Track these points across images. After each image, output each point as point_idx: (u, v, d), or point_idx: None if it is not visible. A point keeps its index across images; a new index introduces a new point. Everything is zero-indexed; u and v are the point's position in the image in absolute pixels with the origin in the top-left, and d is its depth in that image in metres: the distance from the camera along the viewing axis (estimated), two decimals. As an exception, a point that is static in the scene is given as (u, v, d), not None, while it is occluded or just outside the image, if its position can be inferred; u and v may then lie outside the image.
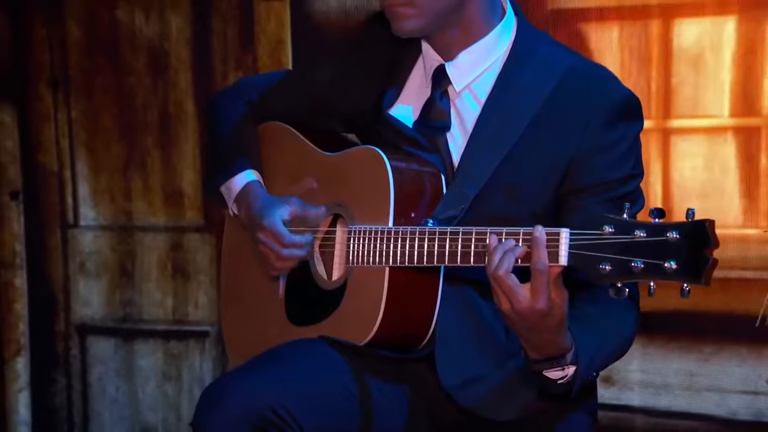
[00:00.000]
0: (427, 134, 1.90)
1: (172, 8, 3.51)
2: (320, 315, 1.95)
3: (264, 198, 2.02)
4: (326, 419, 1.80)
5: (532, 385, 1.78)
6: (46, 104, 3.60)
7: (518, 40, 1.88)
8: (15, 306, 3.60)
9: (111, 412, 3.58)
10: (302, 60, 2.30)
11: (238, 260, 2.19)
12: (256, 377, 1.79)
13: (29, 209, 3.63)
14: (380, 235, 1.82)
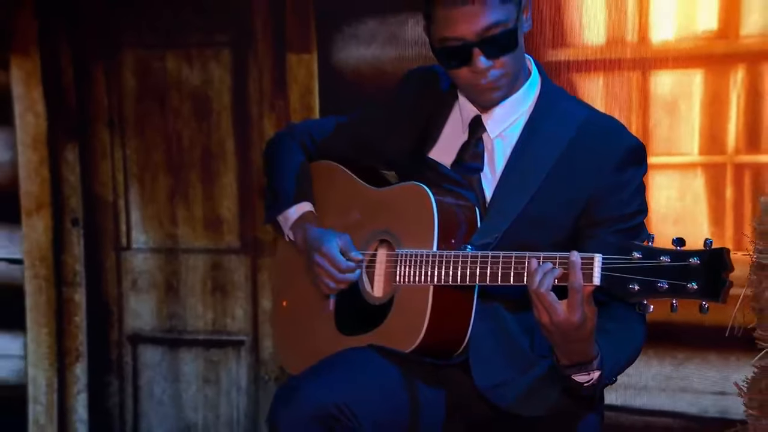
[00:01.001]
0: (464, 174, 1.95)
1: (215, 60, 3.56)
2: (368, 326, 1.99)
3: (319, 227, 2.08)
4: (380, 416, 1.85)
5: (554, 387, 1.83)
6: (104, 143, 3.63)
7: (542, 96, 1.94)
8: (75, 319, 3.61)
9: (157, 412, 3.61)
10: (349, 109, 2.34)
11: (290, 278, 2.23)
12: (323, 380, 1.84)
13: (88, 234, 3.64)
14: (426, 259, 1.87)
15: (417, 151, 2.00)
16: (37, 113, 3.62)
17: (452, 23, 1.83)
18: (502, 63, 1.83)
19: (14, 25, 3.67)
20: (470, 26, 1.81)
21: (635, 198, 1.85)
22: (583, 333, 1.65)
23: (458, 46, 1.83)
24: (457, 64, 1.85)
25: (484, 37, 1.82)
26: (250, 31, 3.53)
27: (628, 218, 1.84)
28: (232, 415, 3.64)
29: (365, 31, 3.40)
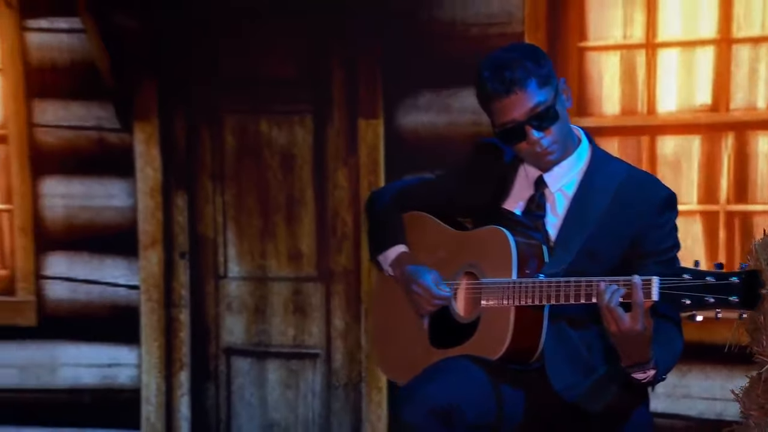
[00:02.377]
0: (532, 220, 2.02)
1: (299, 124, 3.59)
2: (458, 341, 2.05)
3: (414, 264, 2.13)
4: (477, 410, 1.90)
5: (612, 387, 1.91)
6: (207, 191, 3.66)
7: (592, 158, 2.02)
8: (180, 335, 3.63)
9: (246, 412, 3.62)
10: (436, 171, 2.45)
11: (388, 304, 2.26)
12: (436, 383, 1.91)
13: (192, 265, 3.66)
14: (508, 285, 1.95)
15: (493, 203, 2.07)
16: (154, 167, 3.66)
17: (505, 111, 1.91)
18: (550, 132, 1.91)
19: (138, 97, 3.68)
20: (519, 110, 1.89)
21: (671, 235, 1.95)
22: (643, 339, 1.75)
23: (513, 126, 1.92)
24: (516, 140, 1.94)
25: (532, 116, 1.90)
26: (329, 101, 3.56)
27: (666, 251, 1.93)
28: (308, 416, 3.63)
29: (423, 102, 3.44)
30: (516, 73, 1.89)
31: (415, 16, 3.43)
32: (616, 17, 3.21)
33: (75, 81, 3.69)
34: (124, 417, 3.63)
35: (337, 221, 3.60)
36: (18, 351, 3.68)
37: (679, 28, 3.15)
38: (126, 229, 3.67)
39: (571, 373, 1.95)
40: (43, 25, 3.69)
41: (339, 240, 3.60)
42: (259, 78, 3.61)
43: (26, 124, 3.73)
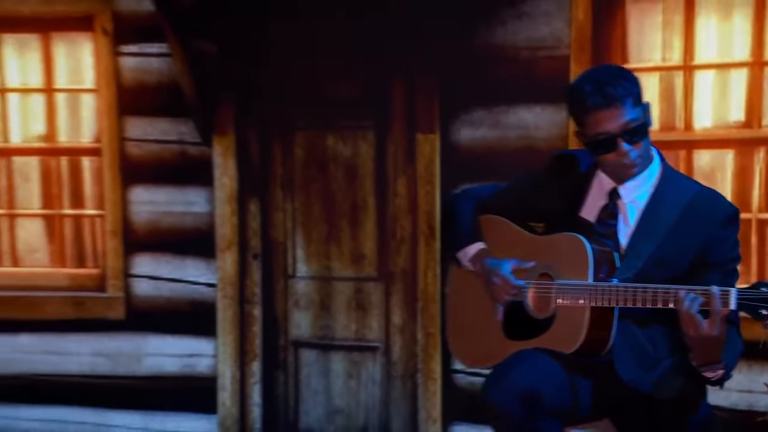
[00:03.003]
0: (605, 228, 2.06)
1: (362, 138, 3.59)
2: (533, 334, 2.08)
3: (493, 258, 2.18)
4: (555, 396, 1.95)
5: (676, 378, 1.97)
6: (278, 199, 3.67)
7: (663, 174, 2.05)
8: (253, 328, 3.65)
9: (313, 399, 3.66)
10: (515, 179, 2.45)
11: (463, 298, 2.30)
12: (521, 369, 1.96)
13: (264, 265, 3.68)
14: (585, 287, 1.99)
15: (568, 211, 2.08)
16: (231, 177, 3.67)
17: (601, 123, 1.92)
18: (639, 146, 1.94)
19: (217, 114, 3.68)
20: (614, 124, 1.92)
21: (734, 248, 1.99)
22: (717, 342, 1.81)
23: (606, 138, 1.93)
24: (606, 150, 1.94)
25: (625, 130, 1.92)
26: (389, 118, 3.55)
27: (729, 262, 1.98)
28: (369, 403, 3.66)
29: (476, 118, 3.43)
30: (617, 90, 1.91)
31: (470, 40, 3.39)
32: (656, 42, 3.20)
33: (161, 100, 3.71)
34: (202, 402, 3.67)
35: (396, 226, 3.60)
36: (109, 342, 3.74)
37: (715, 51, 3.14)
38: (205, 233, 3.70)
39: (636, 366, 1.99)
40: (134, 50, 3.72)
41: (398, 243, 3.59)
42: (326, 97, 3.61)
43: (117, 138, 3.76)
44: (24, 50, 3.90)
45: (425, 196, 3.51)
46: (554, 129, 3.31)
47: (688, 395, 1.99)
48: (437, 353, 3.51)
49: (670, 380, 1.98)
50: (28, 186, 3.88)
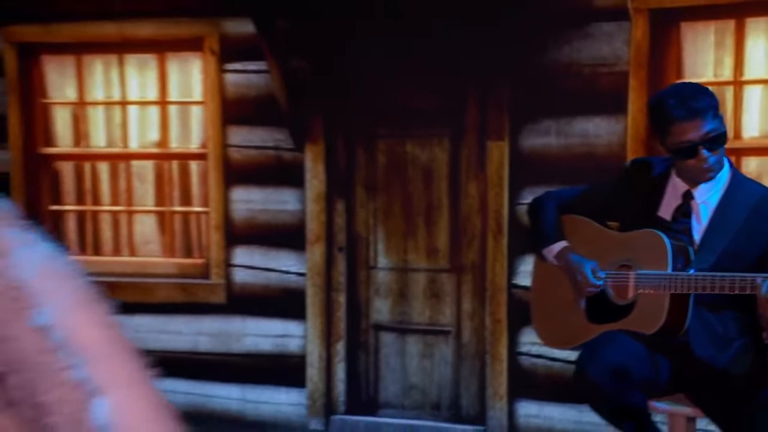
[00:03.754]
0: (679, 225, 2.10)
1: (438, 145, 3.62)
2: (615, 318, 2.10)
3: (577, 255, 2.19)
4: (640, 371, 1.98)
5: (747, 357, 1.99)
6: (362, 199, 3.73)
7: (732, 178, 2.09)
8: (338, 313, 3.71)
9: (391, 376, 3.71)
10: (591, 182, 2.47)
11: (547, 286, 2.31)
12: (610, 349, 1.99)
13: (349, 257, 3.73)
14: (666, 277, 2.02)
15: (646, 211, 2.13)
16: (320, 180, 3.72)
17: (684, 133, 1.96)
18: (716, 152, 1.98)
19: (308, 124, 3.72)
20: (696, 134, 1.96)
21: None
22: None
23: (688, 146, 1.96)
24: (687, 157, 1.98)
25: (705, 139, 1.96)
26: (463, 127, 3.56)
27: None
28: (441, 380, 3.67)
29: (542, 127, 3.43)
30: (699, 103, 1.94)
31: (538, 58, 3.38)
32: (708, 59, 3.20)
33: (259, 111, 3.74)
34: (293, 378, 3.72)
35: (467, 224, 3.59)
36: (211, 323, 3.81)
37: (763, 68, 3.14)
38: (296, 228, 3.73)
39: (710, 345, 2.03)
40: (237, 67, 3.75)
41: (469, 239, 3.59)
42: (407, 109, 3.60)
43: (221, 145, 3.79)
44: (143, 69, 3.95)
45: (494, 198, 3.50)
46: (613, 137, 3.32)
47: (758, 372, 1.99)
48: (503, 337, 3.51)
49: (742, 358, 1.99)
50: (144, 186, 3.96)
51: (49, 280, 0.90)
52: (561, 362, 3.39)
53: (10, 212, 0.97)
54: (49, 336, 0.87)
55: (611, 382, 1.93)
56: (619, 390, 1.93)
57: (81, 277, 0.91)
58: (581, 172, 3.22)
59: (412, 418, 3.63)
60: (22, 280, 0.89)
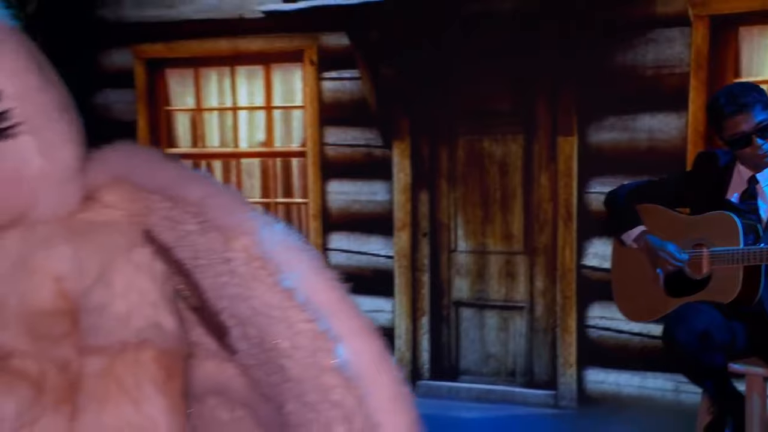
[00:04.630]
0: (747, 206, 2.16)
1: (513, 141, 3.59)
2: (692, 291, 2.15)
3: (655, 238, 2.22)
4: (720, 336, 2.03)
5: None
6: (443, 189, 3.74)
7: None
8: (422, 291, 3.74)
9: (470, 346, 3.73)
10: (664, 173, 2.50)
11: (626, 267, 2.33)
12: (694, 316, 2.04)
13: (432, 242, 3.75)
14: (738, 251, 2.08)
15: (715, 196, 2.19)
16: (406, 173, 3.77)
17: (738, 125, 2.02)
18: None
19: (395, 124, 3.77)
20: (747, 125, 2.03)
21: None
22: None
23: (741, 137, 2.01)
24: (742, 146, 2.02)
25: (758, 129, 2.01)
26: (535, 124, 3.57)
27: None
28: (516, 350, 3.70)
29: (608, 123, 3.42)
30: (747, 98, 1.99)
31: (604, 61, 3.38)
32: (765, 60, 3.18)
33: (352, 113, 3.81)
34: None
35: (539, 211, 3.60)
36: None
37: None
38: (385, 216, 3.78)
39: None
40: (333, 75, 3.82)
41: (541, 225, 3.60)
42: (484, 109, 3.61)
43: (319, 143, 3.87)
44: (251, 78, 4.04)
45: (564, 188, 3.52)
46: (675, 132, 3.31)
47: None
48: (573, 312, 3.53)
49: None
50: (251, 181, 4.06)
51: (288, 253, 1.00)
52: (626, 334, 3.45)
53: (246, 201, 1.08)
54: (294, 296, 0.98)
55: (696, 344, 1.98)
56: (703, 351, 1.98)
57: (310, 250, 1.03)
58: (644, 164, 3.26)
59: (490, 383, 3.65)
60: (267, 252, 0.99)
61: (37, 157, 1.02)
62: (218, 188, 1.06)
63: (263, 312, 1.00)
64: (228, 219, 1.01)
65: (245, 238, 0.99)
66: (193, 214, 1.03)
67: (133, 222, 1.08)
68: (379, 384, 0.95)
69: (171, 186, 1.05)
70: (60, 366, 1.03)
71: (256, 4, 3.85)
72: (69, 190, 1.07)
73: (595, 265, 3.50)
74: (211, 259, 1.03)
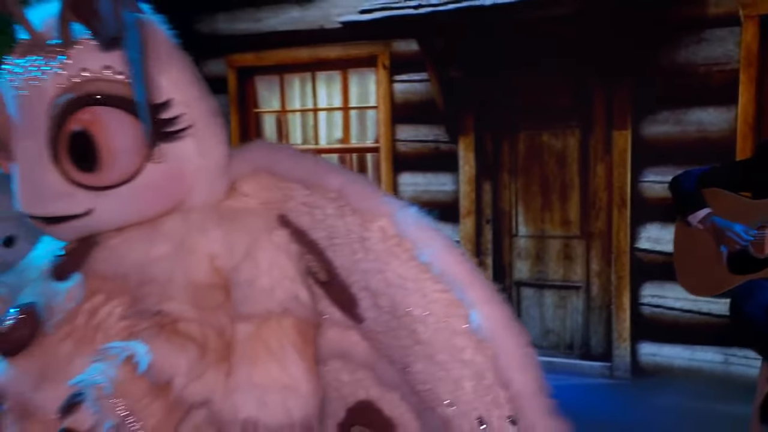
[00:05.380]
0: None
1: (571, 135, 3.62)
2: (756, 269, 2.12)
3: (721, 219, 2.19)
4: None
5: None
6: (505, 180, 3.74)
7: None
8: (486, 273, 2.70)
9: (531, 322, 3.73)
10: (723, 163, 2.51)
11: (690, 246, 2.30)
12: (758, 291, 2.02)
13: (494, 228, 3.78)
14: None
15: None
16: (471, 165, 3.79)
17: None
18: None
19: (461, 121, 3.68)
20: None
21: None
22: None
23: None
24: None
25: None
26: (591, 119, 3.56)
27: None
28: (573, 326, 3.72)
29: (661, 117, 3.41)
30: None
31: (657, 60, 3.36)
32: None
33: (421, 112, 3.84)
34: None
35: (595, 199, 3.59)
36: None
37: None
38: (451, 205, 3.80)
39: None
40: (403, 78, 3.88)
41: (597, 211, 3.61)
42: (543, 106, 3.61)
43: (391, 140, 3.94)
44: (330, 82, 4.17)
45: (618, 177, 3.49)
46: (724, 125, 3.30)
47: None
48: (626, 291, 3.53)
49: None
50: None
51: (422, 232, 1.05)
52: (677, 311, 3.47)
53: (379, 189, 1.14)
54: (430, 269, 1.03)
55: (763, 317, 1.96)
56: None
57: (439, 230, 1.08)
58: (695, 154, 3.26)
59: (549, 356, 3.63)
60: (403, 232, 1.05)
61: (196, 156, 1.10)
62: (355, 177, 1.10)
63: (397, 284, 1.04)
64: (366, 203, 1.05)
65: (382, 220, 1.03)
66: (331, 200, 1.08)
67: (267, 208, 1.13)
68: (509, 345, 1.00)
69: (310, 176, 1.09)
70: (218, 331, 1.08)
71: (334, 16, 3.95)
72: (218, 183, 1.14)
73: (648, 248, 3.51)
74: (348, 238, 1.07)
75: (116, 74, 1.03)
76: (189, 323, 1.06)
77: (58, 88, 1.03)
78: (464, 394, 1.03)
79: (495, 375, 1.00)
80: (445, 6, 3.51)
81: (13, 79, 1.05)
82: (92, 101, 1.01)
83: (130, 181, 1.06)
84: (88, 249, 1.12)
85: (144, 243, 1.10)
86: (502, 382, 1.00)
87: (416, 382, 1.10)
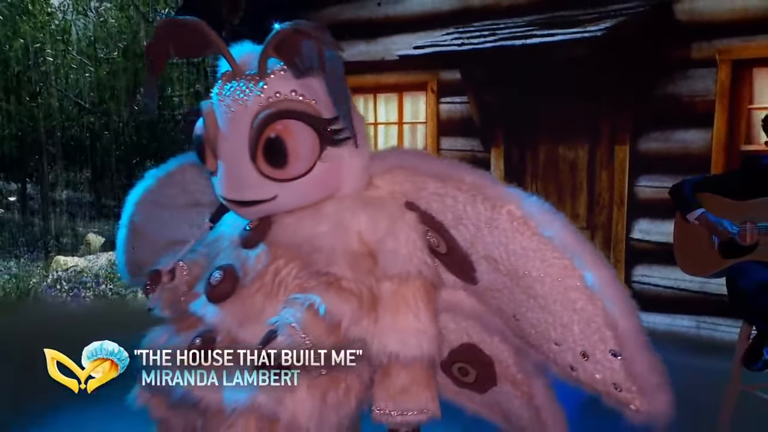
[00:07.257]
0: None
1: (581, 148, 3.75)
2: (743, 254, 2.12)
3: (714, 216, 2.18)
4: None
5: None
6: (527, 183, 3.90)
7: None
8: None
9: None
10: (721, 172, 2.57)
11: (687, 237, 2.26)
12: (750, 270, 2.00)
13: None
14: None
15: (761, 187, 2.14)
16: (500, 170, 3.91)
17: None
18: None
19: (494, 135, 3.94)
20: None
21: None
22: None
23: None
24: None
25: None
26: (598, 136, 3.73)
27: None
28: None
29: (653, 135, 3.54)
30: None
31: (652, 92, 3.53)
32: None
33: (461, 127, 4.04)
34: None
35: (599, 198, 3.75)
36: None
37: None
38: None
39: None
40: (447, 100, 4.10)
41: (600, 208, 3.77)
42: (560, 125, 3.77)
43: (436, 149, 4.13)
44: (388, 102, 4.40)
45: (618, 182, 3.67)
46: (702, 143, 3.45)
47: None
48: (621, 271, 3.65)
49: None
50: None
51: (545, 215, 1.13)
52: (661, 287, 3.65)
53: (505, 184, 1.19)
54: (552, 241, 1.09)
55: (756, 290, 1.97)
56: (762, 296, 1.95)
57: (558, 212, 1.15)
58: (680, 165, 3.44)
59: None
60: (528, 214, 1.13)
61: (348, 157, 1.21)
62: (486, 174, 1.19)
63: (519, 253, 1.09)
64: (496, 192, 1.15)
65: (510, 205, 1.13)
66: (464, 191, 1.16)
67: (394, 197, 1.25)
68: (615, 297, 1.04)
69: (446, 171, 1.19)
70: (368, 288, 1.18)
71: (393, 51, 4.19)
72: (362, 177, 1.25)
73: (640, 237, 3.62)
74: (477, 220, 1.14)
75: (299, 96, 1.16)
76: (349, 282, 1.18)
77: (259, 106, 1.16)
78: (572, 334, 1.08)
79: (603, 320, 1.06)
80: (483, 45, 3.75)
81: (222, 99, 1.18)
82: (284, 115, 1.14)
83: (305, 176, 1.18)
84: (268, 225, 1.23)
85: (311, 221, 1.21)
86: (610, 325, 1.06)
87: (525, 327, 1.17)
